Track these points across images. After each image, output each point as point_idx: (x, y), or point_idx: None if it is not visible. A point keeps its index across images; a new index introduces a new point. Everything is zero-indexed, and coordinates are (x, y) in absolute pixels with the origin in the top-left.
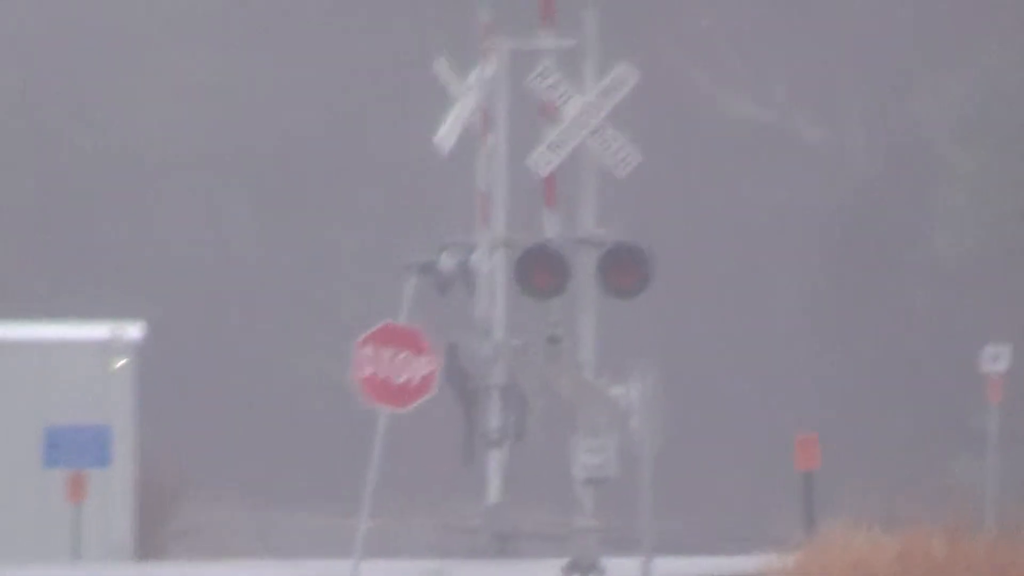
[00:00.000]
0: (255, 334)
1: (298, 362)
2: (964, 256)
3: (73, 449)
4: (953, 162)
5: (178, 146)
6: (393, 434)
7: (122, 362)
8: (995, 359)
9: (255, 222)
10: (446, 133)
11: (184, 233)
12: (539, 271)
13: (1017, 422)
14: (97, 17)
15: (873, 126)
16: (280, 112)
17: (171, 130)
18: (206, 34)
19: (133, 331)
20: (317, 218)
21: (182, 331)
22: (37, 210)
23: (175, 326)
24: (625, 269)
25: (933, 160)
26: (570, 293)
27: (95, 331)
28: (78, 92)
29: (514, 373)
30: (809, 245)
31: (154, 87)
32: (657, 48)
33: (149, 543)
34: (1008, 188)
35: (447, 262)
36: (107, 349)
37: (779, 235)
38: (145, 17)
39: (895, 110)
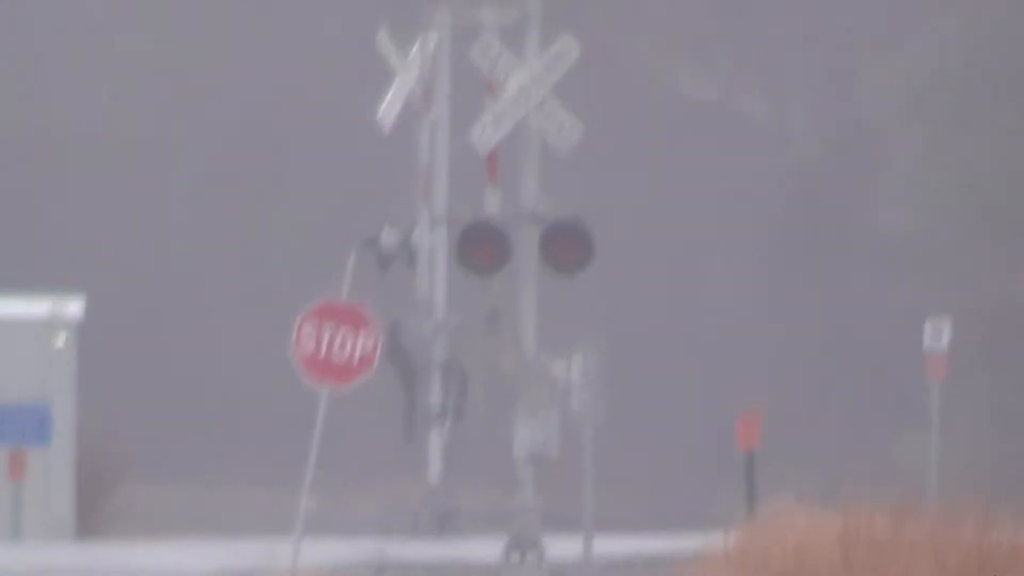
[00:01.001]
0: (197, 312)
1: (239, 340)
2: (907, 234)
3: (13, 427)
4: (896, 141)
5: (121, 124)
6: (334, 412)
7: (62, 339)
8: (936, 335)
9: (198, 200)
10: (387, 109)
11: (126, 212)
12: (480, 247)
13: (959, 400)
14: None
15: (817, 104)
16: (223, 90)
17: (114, 108)
18: (150, 12)
19: (73, 308)
20: (259, 196)
21: (124, 309)
22: None
23: (117, 304)
24: (567, 245)
25: (876, 139)
26: (511, 269)
27: (35, 308)
28: (21, 70)
29: (455, 350)
30: (752, 222)
31: (98, 65)
32: (600, 23)
33: (90, 522)
34: (950, 167)
35: (388, 238)
36: (47, 326)
37: (722, 212)
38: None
39: (839, 88)
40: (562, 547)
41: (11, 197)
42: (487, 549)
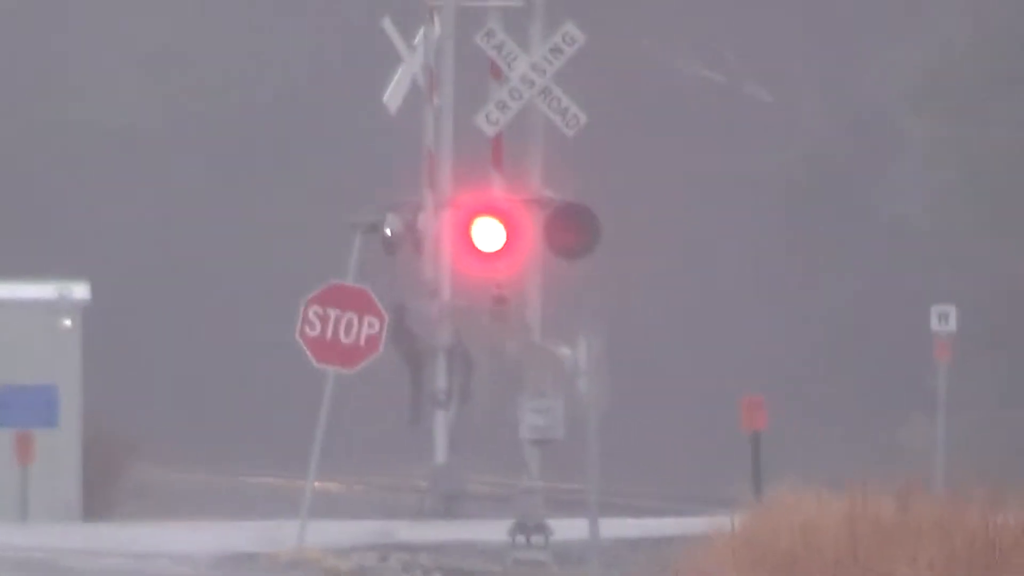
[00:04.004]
0: (203, 296)
1: (245, 323)
2: (914, 221)
3: (20, 409)
4: (904, 128)
5: (130, 113)
6: (340, 395)
7: (69, 322)
8: (943, 319)
9: (205, 186)
10: (393, 93)
11: (133, 196)
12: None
13: (966, 385)
14: None
15: (825, 91)
16: (230, 77)
17: (123, 97)
18: (155, 3)
19: (80, 291)
20: (267, 182)
21: (130, 293)
22: None
23: (124, 288)
24: (571, 230)
25: (884, 126)
26: (516, 254)
27: (42, 291)
28: (30, 60)
29: (460, 334)
30: (759, 208)
31: (105, 55)
32: (604, 9)
33: (97, 504)
34: (958, 155)
35: (394, 222)
36: (54, 309)
37: (729, 198)
38: None
39: (847, 76)
40: (568, 530)
41: (19, 184)
42: (493, 531)
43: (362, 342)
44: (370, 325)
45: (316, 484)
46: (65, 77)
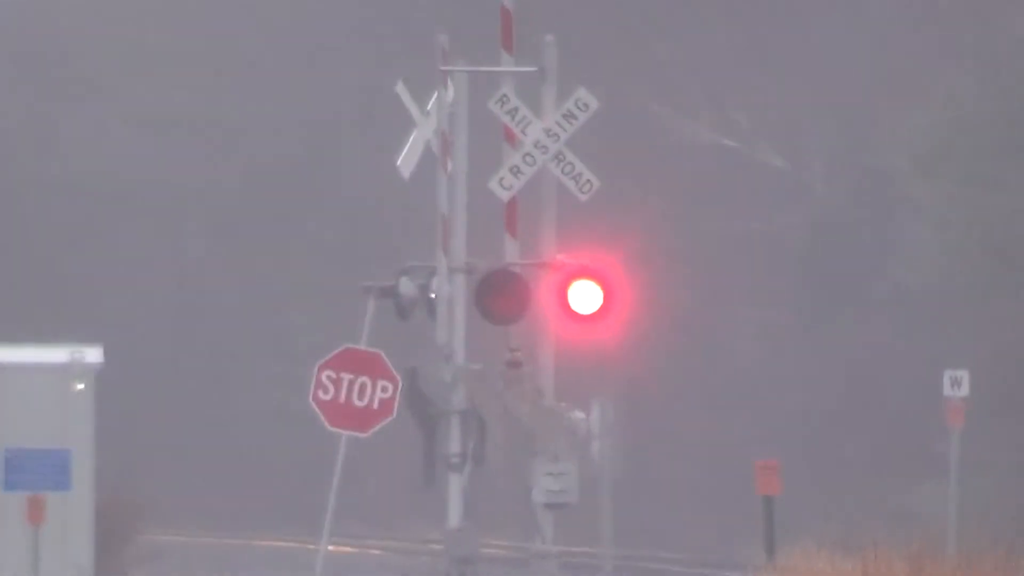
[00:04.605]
0: (214, 361)
1: (258, 387)
2: (925, 286)
3: (33, 472)
4: (914, 192)
5: (139, 175)
6: (353, 459)
7: (81, 386)
8: (955, 384)
9: (216, 249)
10: (406, 158)
11: (144, 261)
12: (500, 295)
13: (978, 449)
14: (61, 45)
15: (835, 156)
16: (241, 141)
17: (132, 159)
18: (169, 65)
19: (92, 355)
20: (277, 247)
21: (142, 357)
22: None
23: (136, 352)
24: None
25: (895, 190)
26: (530, 318)
27: (55, 355)
28: (39, 119)
29: (474, 398)
30: (771, 271)
31: (116, 116)
32: (617, 76)
33: (108, 567)
34: (969, 219)
35: (407, 286)
36: (67, 373)
37: (740, 262)
38: (108, 46)
39: (857, 140)
40: None
41: (28, 246)
42: None
43: (375, 406)
44: (383, 389)
45: (330, 547)
46: (74, 138)
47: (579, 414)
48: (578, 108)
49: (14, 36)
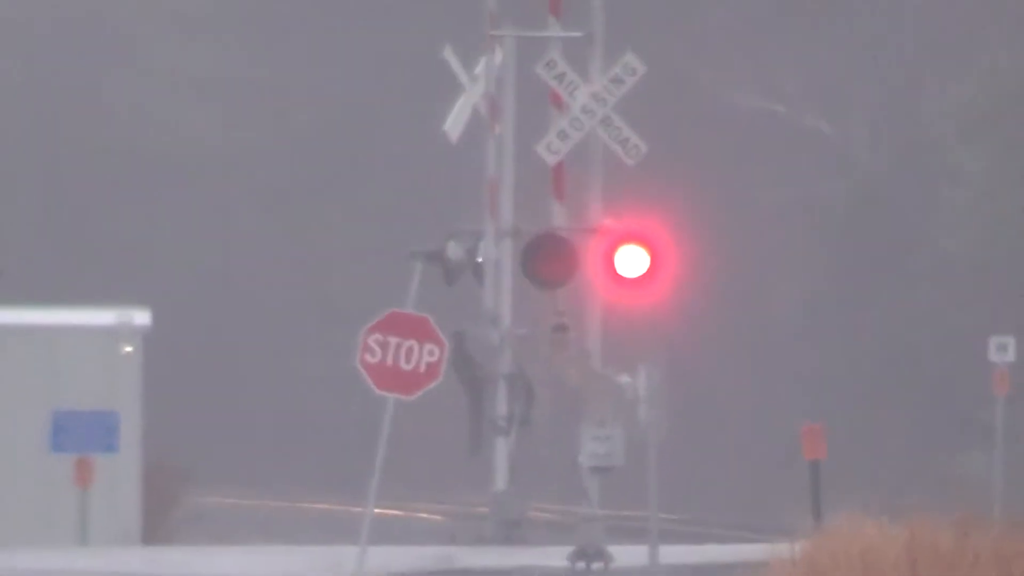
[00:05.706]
0: (263, 323)
1: (305, 350)
2: (969, 252)
3: (81, 434)
4: (958, 160)
5: (187, 140)
6: (400, 422)
7: (129, 348)
8: (1001, 350)
9: (263, 213)
10: (454, 122)
11: (192, 224)
12: (546, 260)
13: (1023, 416)
14: (107, 12)
15: (880, 123)
16: (288, 106)
17: (179, 124)
18: (214, 30)
19: (140, 317)
20: (325, 211)
21: (189, 321)
22: (46, 200)
23: (184, 315)
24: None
25: (938, 157)
26: (576, 283)
27: (103, 317)
28: (87, 87)
29: (520, 362)
30: (815, 239)
31: (162, 82)
32: (663, 41)
33: (156, 529)
34: (1012, 185)
35: (454, 250)
36: (115, 335)
37: (785, 228)
38: (153, 13)
39: (902, 107)
40: (628, 556)
41: (79, 210)
42: (553, 558)
43: (422, 369)
44: (430, 353)
45: (376, 511)
46: (123, 104)
47: (625, 378)
48: (625, 73)
49: (63, 1)
